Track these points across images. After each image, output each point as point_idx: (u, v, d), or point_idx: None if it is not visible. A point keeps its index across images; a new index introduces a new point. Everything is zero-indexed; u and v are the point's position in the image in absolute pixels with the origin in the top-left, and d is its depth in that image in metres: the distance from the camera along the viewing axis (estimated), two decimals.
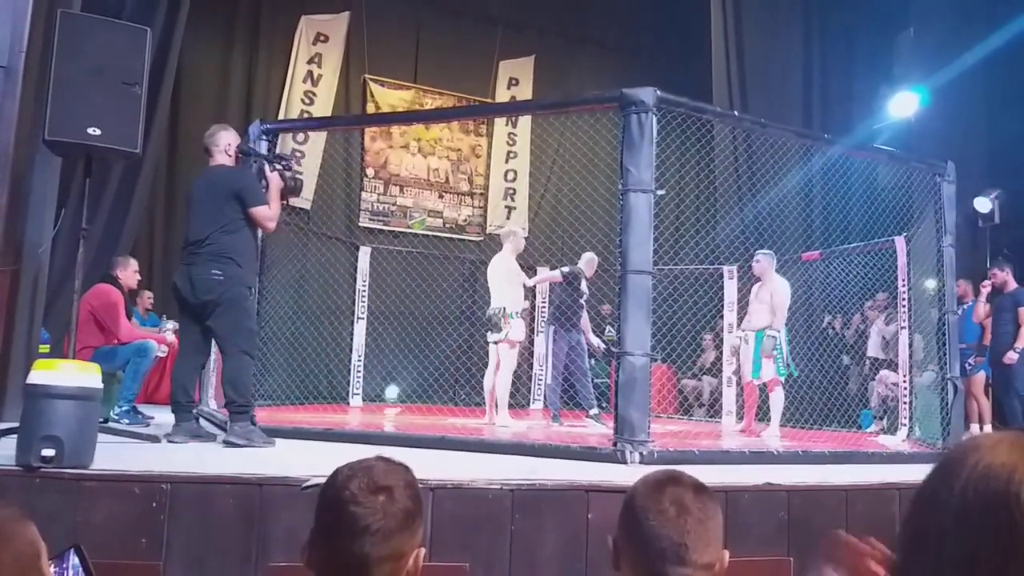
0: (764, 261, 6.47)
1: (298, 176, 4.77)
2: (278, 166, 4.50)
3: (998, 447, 0.67)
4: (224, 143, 4.29)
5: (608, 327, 8.77)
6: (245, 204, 4.13)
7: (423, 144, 10.96)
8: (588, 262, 6.94)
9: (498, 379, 6.18)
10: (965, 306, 7.06)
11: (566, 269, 6.81)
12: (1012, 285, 6.93)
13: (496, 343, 6.19)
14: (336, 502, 1.22)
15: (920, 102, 8.71)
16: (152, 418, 5.43)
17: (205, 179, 4.28)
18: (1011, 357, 6.62)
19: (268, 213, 4.23)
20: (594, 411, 6.57)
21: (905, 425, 5.93)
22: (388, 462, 1.30)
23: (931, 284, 5.53)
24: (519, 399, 8.96)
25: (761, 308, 6.39)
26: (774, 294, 6.30)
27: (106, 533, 2.56)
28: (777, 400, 6.29)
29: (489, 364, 6.36)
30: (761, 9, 9.63)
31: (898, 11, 9.22)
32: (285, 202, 4.64)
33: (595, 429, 6.07)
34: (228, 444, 3.92)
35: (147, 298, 7.74)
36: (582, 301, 6.78)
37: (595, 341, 7.23)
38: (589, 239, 6.99)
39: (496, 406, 6.19)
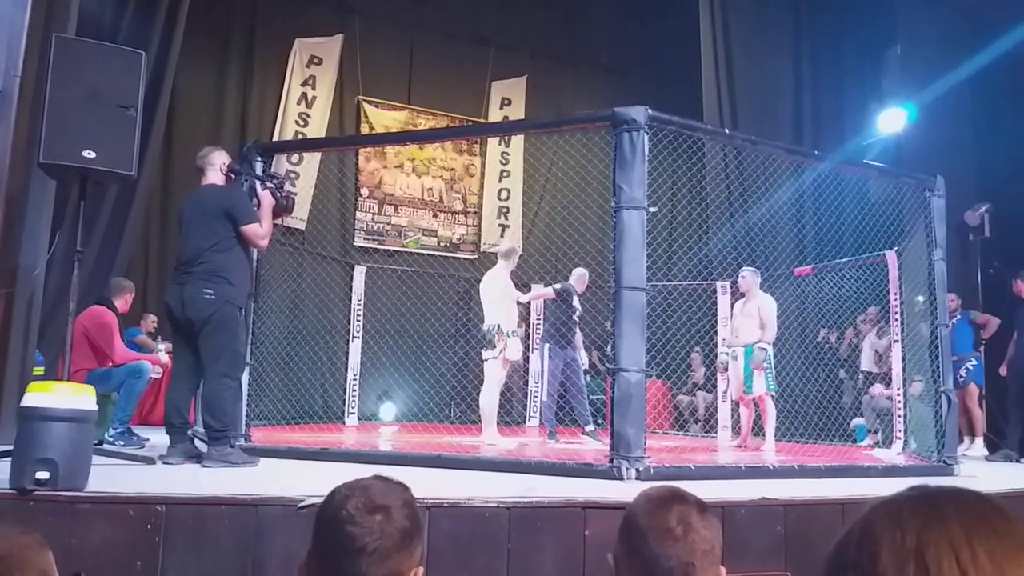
0: (749, 277, 6.58)
1: (291, 194, 4.78)
2: (270, 184, 4.52)
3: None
4: (219, 162, 4.33)
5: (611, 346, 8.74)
6: (236, 222, 4.14)
7: (417, 164, 11.01)
8: (579, 278, 6.97)
9: (483, 396, 6.18)
10: (955, 320, 7.07)
11: (558, 286, 6.83)
12: None
13: (488, 360, 6.19)
14: (333, 522, 1.22)
15: (909, 118, 8.80)
16: (147, 439, 5.40)
17: (196, 198, 4.29)
18: None
19: (260, 231, 4.24)
20: (590, 427, 6.57)
21: (900, 438, 5.94)
22: (386, 481, 1.30)
23: (920, 299, 5.57)
24: (515, 416, 8.95)
25: (749, 323, 6.45)
26: (762, 309, 6.38)
27: (101, 556, 2.55)
28: (770, 414, 6.31)
29: (484, 382, 6.37)
30: (750, 28, 9.74)
31: (886, 28, 9.33)
32: (279, 221, 4.66)
33: (591, 445, 6.07)
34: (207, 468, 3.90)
35: (151, 321, 7.75)
36: (575, 317, 6.80)
37: (584, 356, 7.26)
38: (583, 256, 7.02)
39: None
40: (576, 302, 6.81)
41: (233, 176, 4.46)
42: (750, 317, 6.47)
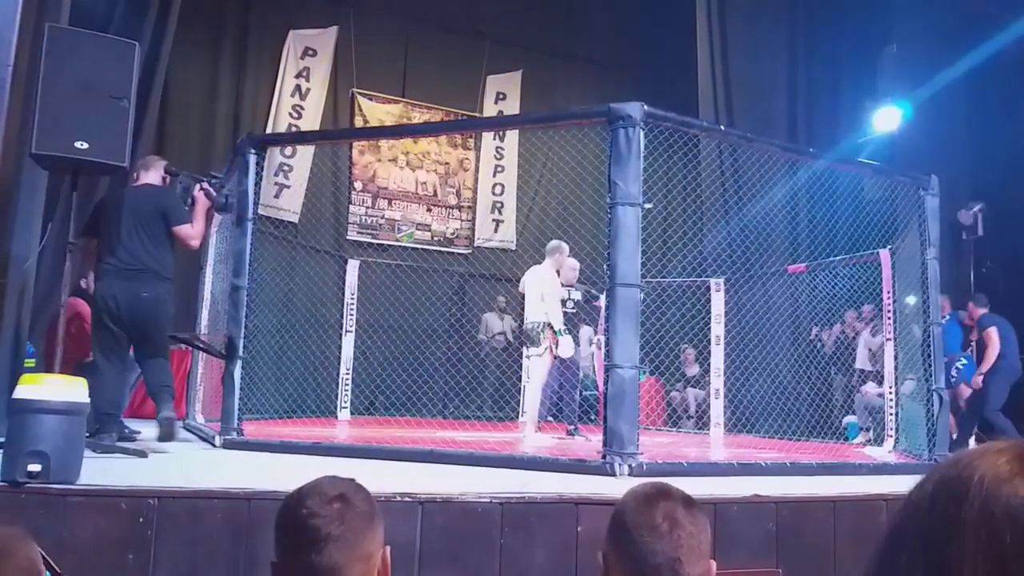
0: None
1: (228, 195, 4.96)
2: (205, 185, 4.62)
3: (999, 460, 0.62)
4: (160, 166, 4.56)
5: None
6: (169, 223, 4.32)
7: (411, 158, 10.98)
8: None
9: (528, 392, 6.15)
10: (944, 320, 7.17)
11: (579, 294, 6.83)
12: (979, 312, 7.14)
13: (532, 357, 6.13)
14: (295, 521, 1.25)
15: (903, 116, 8.82)
16: (139, 432, 5.37)
17: (131, 196, 4.43)
18: (976, 382, 6.93)
19: (191, 232, 4.42)
20: (571, 427, 6.61)
21: (891, 436, 5.97)
22: (334, 477, 1.34)
23: (911, 300, 5.62)
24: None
25: None
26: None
27: (93, 549, 2.54)
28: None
29: (528, 379, 6.30)
30: (747, 25, 9.74)
31: (881, 27, 9.34)
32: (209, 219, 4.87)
33: (574, 442, 6.07)
34: (167, 420, 4.21)
35: None
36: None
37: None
38: (577, 252, 7.00)
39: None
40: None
41: (169, 177, 4.64)
42: None
